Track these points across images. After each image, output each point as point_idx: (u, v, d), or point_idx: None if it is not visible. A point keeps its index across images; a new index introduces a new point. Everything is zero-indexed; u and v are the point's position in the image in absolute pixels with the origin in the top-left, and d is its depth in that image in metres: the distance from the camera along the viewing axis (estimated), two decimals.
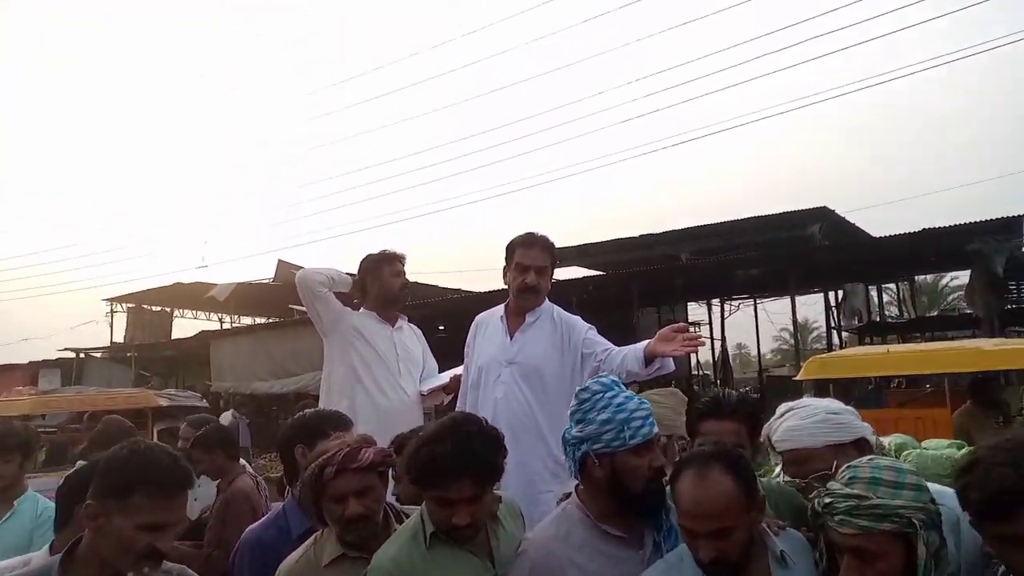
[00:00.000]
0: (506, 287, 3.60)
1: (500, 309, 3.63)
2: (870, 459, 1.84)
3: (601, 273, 17.88)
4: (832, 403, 2.30)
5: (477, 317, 3.74)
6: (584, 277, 16.80)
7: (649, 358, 3.13)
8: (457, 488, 2.06)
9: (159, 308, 25.22)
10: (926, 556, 1.68)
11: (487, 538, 2.24)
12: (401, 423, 3.65)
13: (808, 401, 2.34)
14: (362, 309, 4.06)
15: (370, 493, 2.23)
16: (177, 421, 11.52)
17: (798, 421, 2.23)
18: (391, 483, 2.64)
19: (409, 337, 4.10)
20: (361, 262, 4.09)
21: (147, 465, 1.90)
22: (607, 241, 18.91)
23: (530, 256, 3.45)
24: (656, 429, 2.11)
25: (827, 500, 1.75)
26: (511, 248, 3.52)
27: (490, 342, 3.55)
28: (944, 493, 1.84)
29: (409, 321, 4.21)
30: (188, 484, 1.95)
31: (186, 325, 26.16)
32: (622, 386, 2.19)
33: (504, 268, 3.57)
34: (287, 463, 2.86)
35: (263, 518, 2.81)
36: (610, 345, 3.38)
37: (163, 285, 22.91)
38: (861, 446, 2.20)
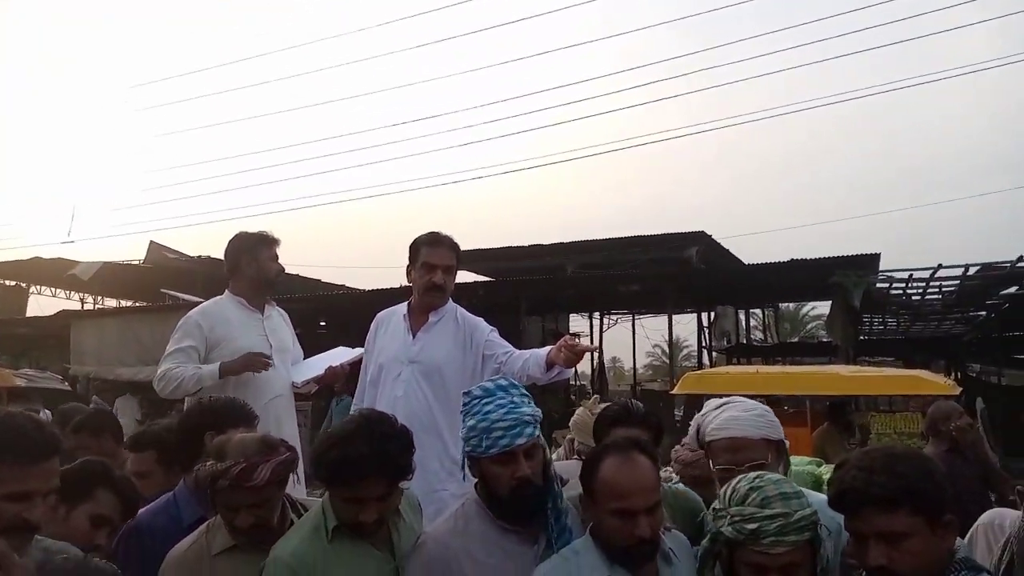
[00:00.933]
0: (408, 285, 3.60)
1: (402, 307, 3.62)
2: (759, 476, 1.94)
3: (491, 279, 18.02)
4: (760, 403, 2.45)
5: (378, 315, 3.71)
6: (474, 282, 16.89)
7: (549, 364, 3.20)
8: (367, 487, 2.07)
9: (13, 283, 23.43)
10: (825, 554, 1.86)
11: (388, 531, 2.25)
12: (273, 419, 3.55)
13: (740, 397, 2.48)
14: (227, 293, 3.87)
15: (264, 505, 2.21)
16: (33, 403, 10.73)
17: (739, 412, 2.35)
18: None
19: (279, 325, 3.94)
20: (234, 240, 3.87)
21: (7, 431, 1.81)
22: (497, 248, 19.08)
23: (437, 255, 3.48)
24: (521, 441, 2.11)
25: (752, 527, 1.80)
26: (416, 247, 3.52)
27: (391, 340, 3.54)
28: (824, 501, 2.00)
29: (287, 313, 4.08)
30: (55, 450, 1.87)
31: (43, 303, 24.41)
32: (506, 391, 2.20)
33: (408, 267, 3.56)
34: (188, 449, 2.71)
35: (151, 504, 2.68)
36: (511, 348, 3.45)
37: (20, 259, 21.30)
38: (780, 449, 2.36)
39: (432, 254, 3.48)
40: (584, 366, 24.95)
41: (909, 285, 14.12)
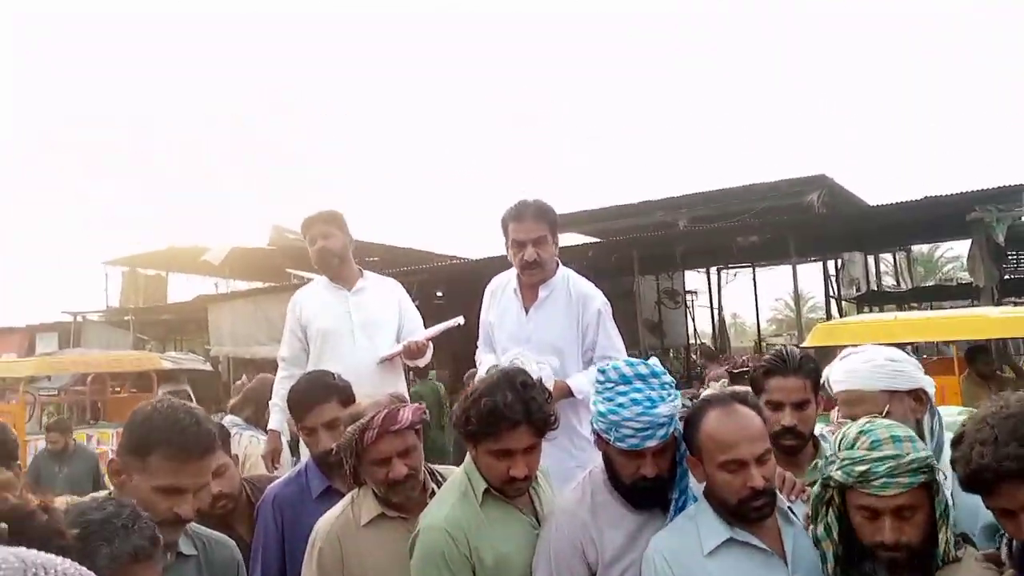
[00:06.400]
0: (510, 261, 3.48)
1: (513, 280, 3.50)
2: (869, 421, 1.88)
3: (599, 240, 17.82)
4: (893, 351, 2.33)
5: (491, 284, 3.61)
6: (583, 244, 16.73)
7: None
8: (516, 437, 2.08)
9: (154, 272, 25.07)
10: (944, 499, 1.79)
11: (530, 497, 2.27)
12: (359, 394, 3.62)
13: (870, 346, 2.38)
14: (320, 278, 4.00)
15: (413, 452, 2.25)
16: (180, 384, 11.50)
17: (857, 364, 2.27)
18: None
19: (372, 298, 3.90)
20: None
21: (167, 425, 1.82)
22: (604, 208, 18.79)
23: (524, 229, 3.32)
24: (651, 444, 2.01)
25: (861, 469, 1.77)
26: (504, 225, 3.40)
27: (505, 316, 3.47)
28: None
29: (406, 286, 4.11)
30: (210, 448, 1.88)
31: (181, 289, 26.05)
32: (645, 381, 2.06)
33: (505, 245, 3.46)
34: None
35: (284, 476, 2.87)
36: (612, 354, 3.26)
37: (157, 249, 22.73)
38: (919, 397, 2.24)
39: (518, 229, 3.33)
40: (704, 324, 24.45)
41: None
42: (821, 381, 2.40)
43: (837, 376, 2.29)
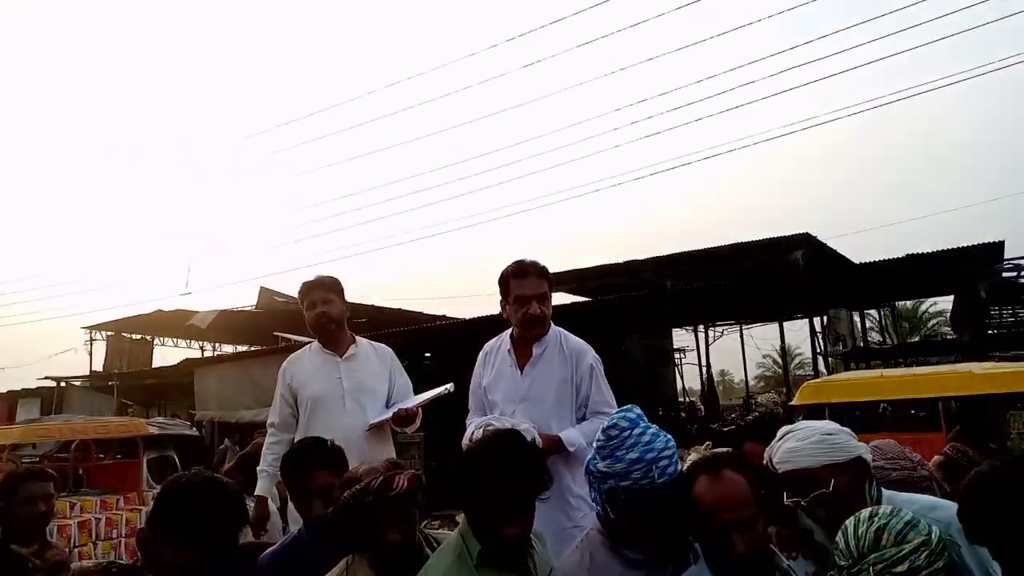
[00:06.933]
0: (506, 319, 3.47)
1: (506, 340, 3.51)
2: (873, 514, 1.84)
3: (588, 299, 17.90)
4: (828, 424, 2.34)
5: (484, 347, 3.62)
6: (572, 303, 16.80)
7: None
8: (511, 495, 2.06)
9: (139, 336, 24.93)
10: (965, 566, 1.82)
11: (525, 560, 2.23)
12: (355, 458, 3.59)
13: (806, 423, 2.38)
14: (311, 343, 4.02)
15: (407, 519, 2.22)
16: (166, 450, 11.33)
17: (796, 443, 2.26)
18: None
19: (364, 363, 3.92)
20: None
21: (198, 500, 1.82)
22: (592, 267, 18.96)
23: (527, 286, 3.35)
24: (681, 466, 2.11)
25: (902, 568, 1.70)
26: (504, 281, 3.41)
27: (501, 377, 3.45)
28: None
29: (396, 345, 4.09)
30: (240, 524, 1.88)
31: (166, 353, 25.88)
32: (643, 419, 2.19)
33: (501, 303, 3.47)
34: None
35: (278, 543, 2.81)
36: (605, 410, 3.26)
37: (143, 313, 22.66)
38: (858, 465, 2.23)
39: (521, 285, 3.35)
40: (692, 381, 24.48)
41: None
42: (764, 461, 2.37)
43: (780, 457, 2.28)
